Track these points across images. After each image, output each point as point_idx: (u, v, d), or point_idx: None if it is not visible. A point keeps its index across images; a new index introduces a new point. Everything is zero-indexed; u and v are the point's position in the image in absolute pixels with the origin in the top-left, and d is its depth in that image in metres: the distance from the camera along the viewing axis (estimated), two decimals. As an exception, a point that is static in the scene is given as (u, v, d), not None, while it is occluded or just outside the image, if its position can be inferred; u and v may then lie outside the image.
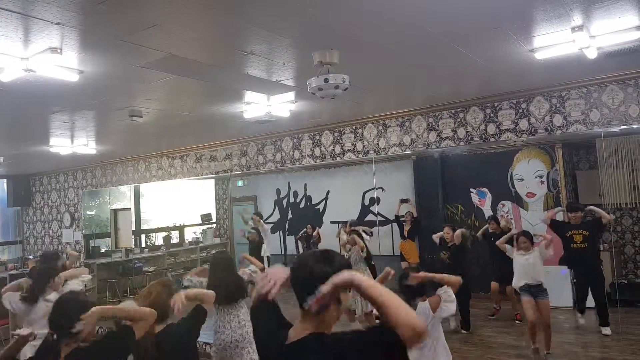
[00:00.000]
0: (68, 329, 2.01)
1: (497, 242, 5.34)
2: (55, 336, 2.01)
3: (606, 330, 5.27)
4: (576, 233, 5.76)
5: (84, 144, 5.76)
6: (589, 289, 5.52)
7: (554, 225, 5.88)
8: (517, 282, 4.96)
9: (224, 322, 3.93)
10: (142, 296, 2.56)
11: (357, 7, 2.34)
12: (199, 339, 2.80)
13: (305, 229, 8.29)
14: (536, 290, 4.84)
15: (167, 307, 2.53)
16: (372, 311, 3.06)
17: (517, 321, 5.83)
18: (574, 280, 5.66)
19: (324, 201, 8.89)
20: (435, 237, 6.01)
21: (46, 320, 2.48)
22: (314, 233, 8.05)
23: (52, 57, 2.62)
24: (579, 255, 5.74)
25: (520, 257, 4.98)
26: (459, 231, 5.76)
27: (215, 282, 3.82)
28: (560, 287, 5.80)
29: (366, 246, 6.03)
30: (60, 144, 5.67)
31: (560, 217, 5.93)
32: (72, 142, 5.62)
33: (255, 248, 7.27)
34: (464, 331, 5.47)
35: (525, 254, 4.96)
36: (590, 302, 5.74)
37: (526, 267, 4.94)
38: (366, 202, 8.22)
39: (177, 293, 2.66)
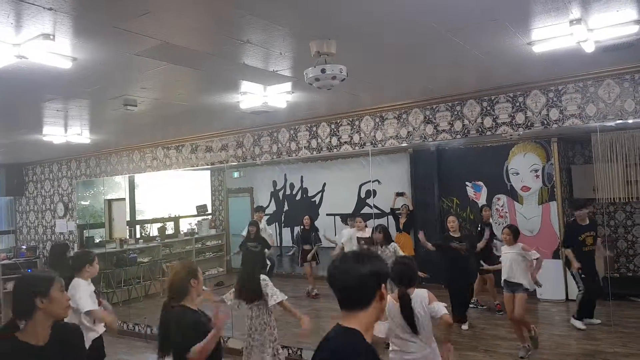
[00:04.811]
0: (26, 308, 1.89)
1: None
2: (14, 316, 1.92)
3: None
4: None
5: (78, 133, 5.71)
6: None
7: None
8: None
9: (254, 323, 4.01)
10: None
11: (355, -3, 2.32)
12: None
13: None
14: (514, 286, 4.72)
15: (186, 288, 2.58)
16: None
17: (498, 312, 5.87)
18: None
19: (321, 193, 8.88)
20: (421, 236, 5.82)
21: None
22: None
23: (44, 44, 2.59)
24: None
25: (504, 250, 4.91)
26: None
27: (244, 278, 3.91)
28: (552, 280, 5.84)
29: None
30: (54, 133, 5.62)
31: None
32: (65, 131, 5.57)
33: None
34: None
35: (508, 248, 4.86)
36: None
37: (505, 261, 4.85)
38: (362, 195, 8.22)
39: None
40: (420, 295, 3.04)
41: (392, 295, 3.00)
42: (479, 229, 6.22)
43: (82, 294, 3.66)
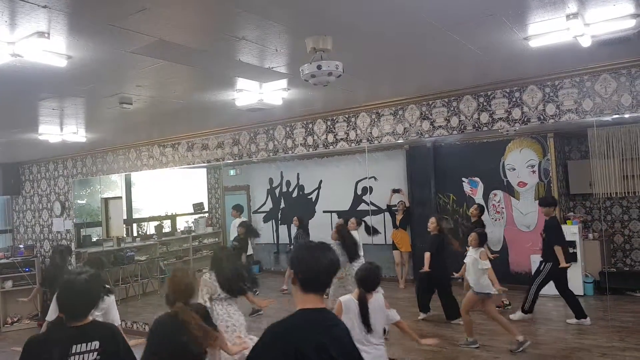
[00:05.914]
0: (83, 311, 2.06)
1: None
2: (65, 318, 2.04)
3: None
4: None
5: (74, 132, 5.68)
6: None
7: None
8: None
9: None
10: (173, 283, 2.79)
11: (351, -8, 2.31)
12: None
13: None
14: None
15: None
16: None
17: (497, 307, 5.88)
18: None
19: (317, 191, 8.88)
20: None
21: None
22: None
23: (39, 42, 2.57)
24: None
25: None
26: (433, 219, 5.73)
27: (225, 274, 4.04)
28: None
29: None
30: (50, 132, 5.59)
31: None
32: (61, 129, 5.54)
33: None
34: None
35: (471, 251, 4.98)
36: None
37: (467, 262, 4.99)
38: (359, 192, 8.22)
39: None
40: (379, 299, 3.22)
41: (352, 295, 3.18)
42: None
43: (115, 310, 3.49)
